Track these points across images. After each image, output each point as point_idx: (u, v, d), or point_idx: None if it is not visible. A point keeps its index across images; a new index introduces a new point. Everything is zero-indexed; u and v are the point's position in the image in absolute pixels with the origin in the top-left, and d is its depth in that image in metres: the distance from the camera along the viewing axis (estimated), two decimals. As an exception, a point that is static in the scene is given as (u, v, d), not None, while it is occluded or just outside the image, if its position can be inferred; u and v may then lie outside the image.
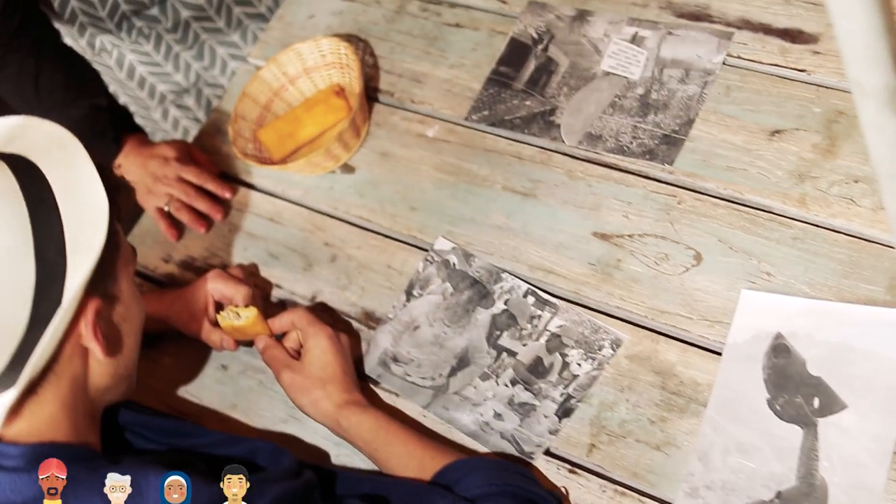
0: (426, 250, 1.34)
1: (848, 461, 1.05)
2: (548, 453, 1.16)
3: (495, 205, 1.34)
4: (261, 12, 1.72)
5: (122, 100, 1.81)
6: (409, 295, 1.31)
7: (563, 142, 1.35)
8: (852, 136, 1.21)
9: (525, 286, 1.26)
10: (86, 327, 1.00)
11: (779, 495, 1.05)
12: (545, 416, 1.18)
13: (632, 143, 1.31)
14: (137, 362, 1.12)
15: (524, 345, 1.23)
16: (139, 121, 1.86)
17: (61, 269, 0.97)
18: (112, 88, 1.78)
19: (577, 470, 1.14)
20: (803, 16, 1.32)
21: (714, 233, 1.22)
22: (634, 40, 1.38)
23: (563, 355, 1.20)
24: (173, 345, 1.38)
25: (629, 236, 1.25)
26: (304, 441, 1.26)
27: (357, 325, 1.33)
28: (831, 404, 1.08)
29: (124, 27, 1.64)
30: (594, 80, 1.38)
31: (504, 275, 1.28)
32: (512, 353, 1.22)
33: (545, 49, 1.43)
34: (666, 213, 1.25)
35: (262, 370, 1.30)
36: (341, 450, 1.23)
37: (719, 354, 1.15)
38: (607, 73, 1.38)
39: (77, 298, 0.98)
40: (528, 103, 1.40)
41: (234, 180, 1.53)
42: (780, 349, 1.12)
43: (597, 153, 1.33)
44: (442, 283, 1.30)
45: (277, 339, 1.27)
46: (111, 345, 1.03)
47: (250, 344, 1.31)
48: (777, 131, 1.25)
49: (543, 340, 1.22)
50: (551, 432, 1.17)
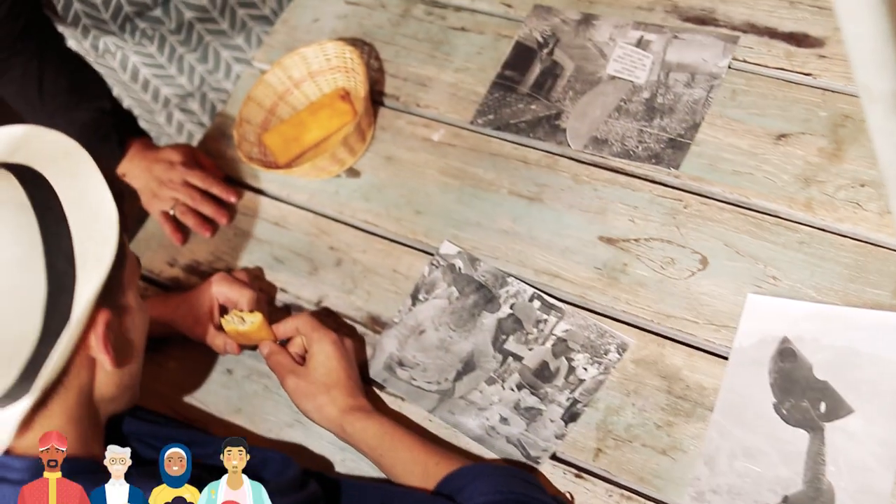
0: (432, 254, 1.34)
1: (854, 465, 1.05)
2: (554, 458, 1.16)
3: (501, 209, 1.34)
4: (265, 14, 1.72)
5: (127, 103, 1.82)
6: (414, 299, 1.31)
7: (568, 146, 1.35)
8: (858, 140, 1.21)
9: (531, 290, 1.26)
10: (96, 339, 0.99)
11: (785, 500, 1.05)
12: (551, 421, 1.17)
13: (637, 147, 1.31)
14: (142, 371, 1.12)
15: (530, 349, 1.22)
16: (144, 125, 1.86)
17: (71, 281, 0.96)
18: (116, 92, 1.79)
19: (583, 474, 1.14)
20: (809, 19, 1.32)
21: (720, 237, 1.22)
22: (640, 44, 1.38)
23: (569, 360, 1.20)
24: (178, 349, 1.38)
25: (635, 240, 1.25)
26: (309, 446, 1.26)
27: (363, 329, 1.33)
28: (838, 409, 1.08)
29: (127, 29, 1.64)
30: (600, 84, 1.38)
31: (510, 279, 1.28)
32: (518, 358, 1.22)
33: (550, 53, 1.43)
34: (672, 218, 1.25)
35: (268, 375, 1.30)
36: (347, 454, 1.23)
37: (725, 359, 1.15)
38: (613, 77, 1.37)
39: (88, 310, 0.97)
40: (533, 107, 1.40)
41: (239, 184, 1.53)
42: (786, 353, 1.12)
43: (602, 157, 1.33)
44: (448, 288, 1.30)
45: (282, 344, 1.27)
46: (119, 355, 1.02)
47: (254, 348, 1.31)
48: (783, 135, 1.25)
49: (549, 345, 1.22)
50: (557, 437, 1.17)
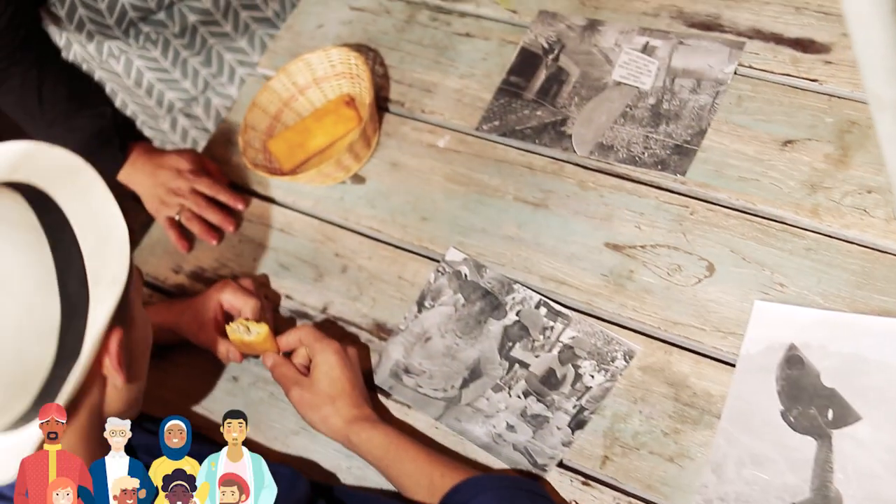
0: (437, 261, 1.34)
1: (862, 473, 1.04)
2: (561, 465, 1.16)
3: (507, 215, 1.34)
4: (268, 16, 1.72)
5: (131, 109, 1.81)
6: (420, 306, 1.31)
7: (574, 152, 1.35)
8: (865, 147, 1.21)
9: (537, 297, 1.26)
10: (109, 358, 0.99)
11: (794, 508, 1.05)
12: (558, 428, 1.17)
13: (643, 153, 1.31)
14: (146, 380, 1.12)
15: (536, 356, 1.22)
16: (148, 132, 1.86)
17: (84, 302, 0.96)
18: (120, 97, 1.79)
19: (590, 482, 1.14)
20: (815, 25, 1.31)
21: (727, 243, 1.21)
22: (645, 50, 1.38)
23: (576, 367, 1.20)
24: (184, 356, 1.38)
25: (641, 247, 1.25)
26: (315, 453, 1.26)
27: (368, 336, 1.33)
28: (845, 416, 1.08)
29: (131, 33, 1.64)
30: (605, 90, 1.37)
31: (516, 286, 1.28)
32: (524, 365, 1.22)
33: (556, 59, 1.43)
34: (678, 224, 1.25)
35: (273, 382, 1.30)
36: (353, 462, 1.22)
37: (732, 366, 1.14)
38: (618, 83, 1.37)
39: (103, 331, 0.97)
40: (538, 113, 1.40)
41: (244, 191, 1.53)
42: (793, 360, 1.12)
43: (608, 163, 1.32)
44: (454, 295, 1.30)
45: (285, 356, 1.27)
46: (130, 371, 1.03)
47: (256, 357, 1.31)
48: (789, 141, 1.25)
49: (556, 352, 1.22)
50: (564, 444, 1.16)
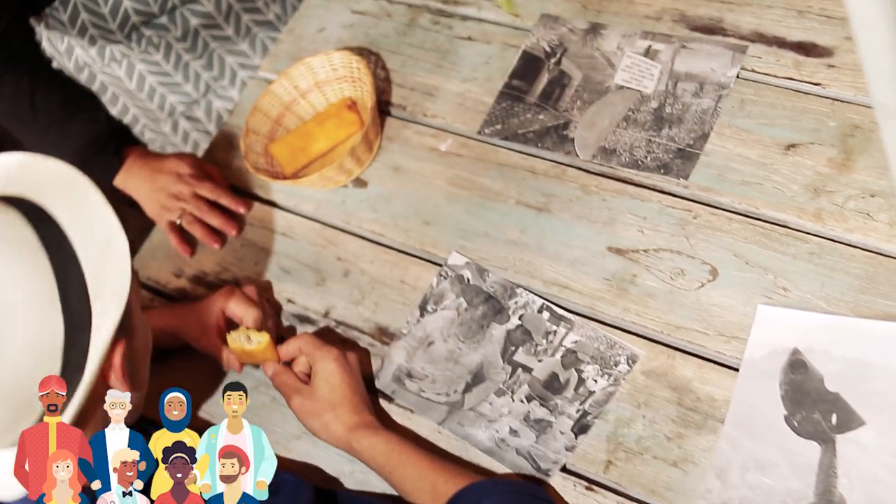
0: (440, 265, 1.34)
1: (866, 478, 1.04)
2: (564, 470, 1.16)
3: (509, 219, 1.34)
4: (269, 20, 1.72)
5: (132, 112, 1.81)
6: (422, 310, 1.31)
7: (577, 156, 1.35)
8: (868, 150, 1.21)
9: (540, 301, 1.26)
10: (114, 372, 0.99)
11: (798, 513, 1.05)
12: (561, 433, 1.17)
13: (646, 157, 1.30)
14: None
15: (539, 360, 1.22)
16: (149, 134, 1.86)
17: (87, 317, 0.96)
18: (122, 101, 1.78)
19: (593, 487, 1.14)
20: (817, 29, 1.31)
21: (730, 248, 1.21)
22: (648, 54, 1.38)
23: (579, 371, 1.20)
24: (184, 360, 1.37)
25: (644, 251, 1.25)
26: (317, 458, 1.26)
27: (370, 340, 1.32)
28: (849, 420, 1.08)
29: (134, 38, 1.64)
30: (608, 93, 1.37)
31: (519, 290, 1.27)
32: (527, 369, 1.22)
33: (558, 62, 1.43)
34: (681, 228, 1.24)
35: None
36: (355, 467, 1.22)
37: (736, 370, 1.14)
38: (621, 87, 1.37)
39: (107, 346, 0.97)
40: (541, 117, 1.39)
41: (245, 194, 1.53)
42: (797, 365, 1.12)
43: (611, 167, 1.32)
44: (456, 299, 1.30)
45: (286, 365, 1.27)
46: (133, 381, 1.02)
47: (256, 366, 1.31)
48: (792, 145, 1.25)
49: (559, 356, 1.21)
50: (568, 449, 1.16)
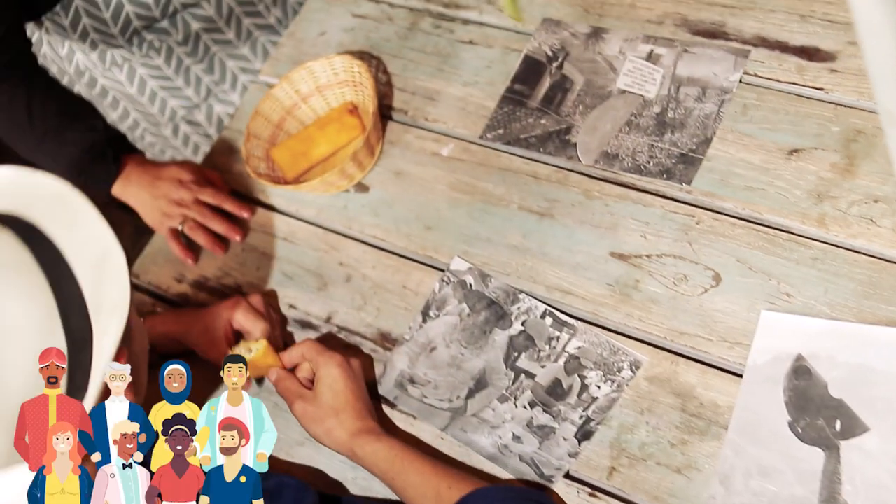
0: (442, 270, 1.33)
1: (871, 484, 1.04)
2: (567, 476, 1.15)
3: (511, 224, 1.33)
4: (270, 23, 1.72)
5: (133, 116, 1.81)
6: (425, 316, 1.30)
7: (579, 161, 1.34)
8: (871, 156, 1.20)
9: (543, 307, 1.25)
10: None
11: (802, 520, 1.05)
12: (564, 439, 1.17)
13: (649, 162, 1.30)
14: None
15: (542, 366, 1.22)
16: (149, 139, 1.85)
17: (89, 335, 0.95)
18: (122, 105, 1.78)
19: (597, 493, 1.13)
20: (820, 33, 1.31)
21: (733, 253, 1.21)
22: (650, 58, 1.37)
23: (582, 377, 1.19)
24: (187, 365, 1.37)
25: (647, 257, 1.25)
26: (320, 464, 1.26)
27: (373, 346, 1.32)
28: (853, 427, 1.07)
29: (135, 42, 1.63)
30: (610, 98, 1.37)
31: (521, 295, 1.27)
32: (530, 375, 1.22)
33: (560, 67, 1.42)
34: (684, 234, 1.24)
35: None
36: (359, 473, 1.22)
37: (739, 376, 1.14)
38: (623, 92, 1.37)
39: (111, 359, 0.96)
40: (543, 122, 1.39)
41: (246, 199, 1.52)
42: (800, 371, 1.12)
43: (613, 172, 1.32)
44: (458, 304, 1.29)
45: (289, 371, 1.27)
46: (134, 389, 1.02)
47: (260, 381, 1.32)
48: (795, 150, 1.25)
49: (562, 362, 1.21)
50: (571, 455, 1.16)
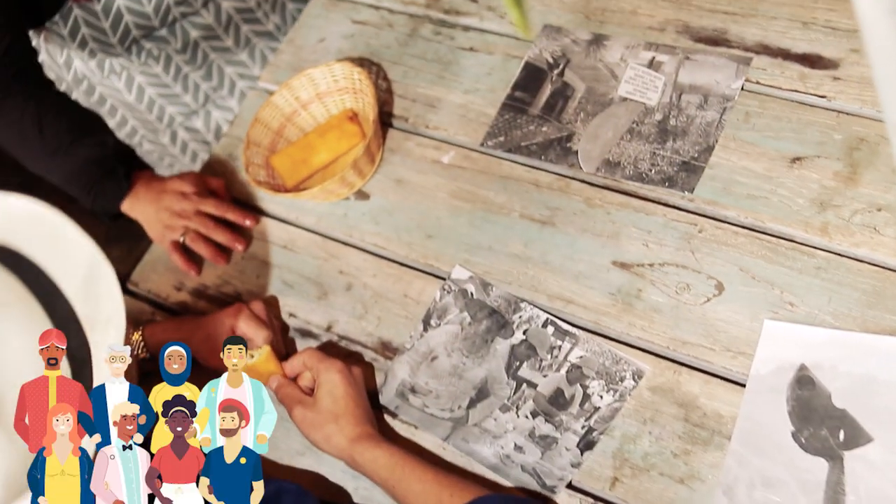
0: (443, 279, 1.33)
1: (874, 494, 1.04)
2: (570, 487, 1.15)
3: (513, 233, 1.33)
4: (269, 30, 1.72)
5: (131, 124, 1.80)
6: (426, 325, 1.30)
7: (580, 168, 1.34)
8: (874, 164, 1.20)
9: (544, 316, 1.25)
10: None
11: (806, 531, 1.04)
12: (567, 449, 1.16)
13: (651, 170, 1.30)
14: None
15: (544, 376, 1.21)
16: (147, 146, 1.85)
17: (87, 353, 0.95)
18: (120, 112, 1.78)
19: (599, 504, 1.13)
20: (822, 41, 1.30)
21: (736, 262, 1.20)
22: (652, 65, 1.37)
23: (584, 387, 1.19)
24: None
25: (649, 265, 1.24)
26: (321, 474, 1.25)
27: (373, 355, 1.31)
28: (857, 437, 1.07)
29: (134, 50, 1.63)
30: (611, 105, 1.36)
31: (523, 304, 1.26)
32: (532, 385, 1.21)
33: (561, 74, 1.42)
34: (686, 242, 1.24)
35: (278, 402, 1.28)
36: (360, 482, 1.21)
37: (743, 386, 1.13)
38: (624, 99, 1.36)
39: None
40: (544, 129, 1.39)
41: (246, 207, 1.51)
42: (804, 381, 1.11)
43: (615, 180, 1.31)
44: (460, 313, 1.29)
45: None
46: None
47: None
48: (797, 158, 1.24)
49: (564, 371, 1.21)
50: (573, 465, 1.15)
